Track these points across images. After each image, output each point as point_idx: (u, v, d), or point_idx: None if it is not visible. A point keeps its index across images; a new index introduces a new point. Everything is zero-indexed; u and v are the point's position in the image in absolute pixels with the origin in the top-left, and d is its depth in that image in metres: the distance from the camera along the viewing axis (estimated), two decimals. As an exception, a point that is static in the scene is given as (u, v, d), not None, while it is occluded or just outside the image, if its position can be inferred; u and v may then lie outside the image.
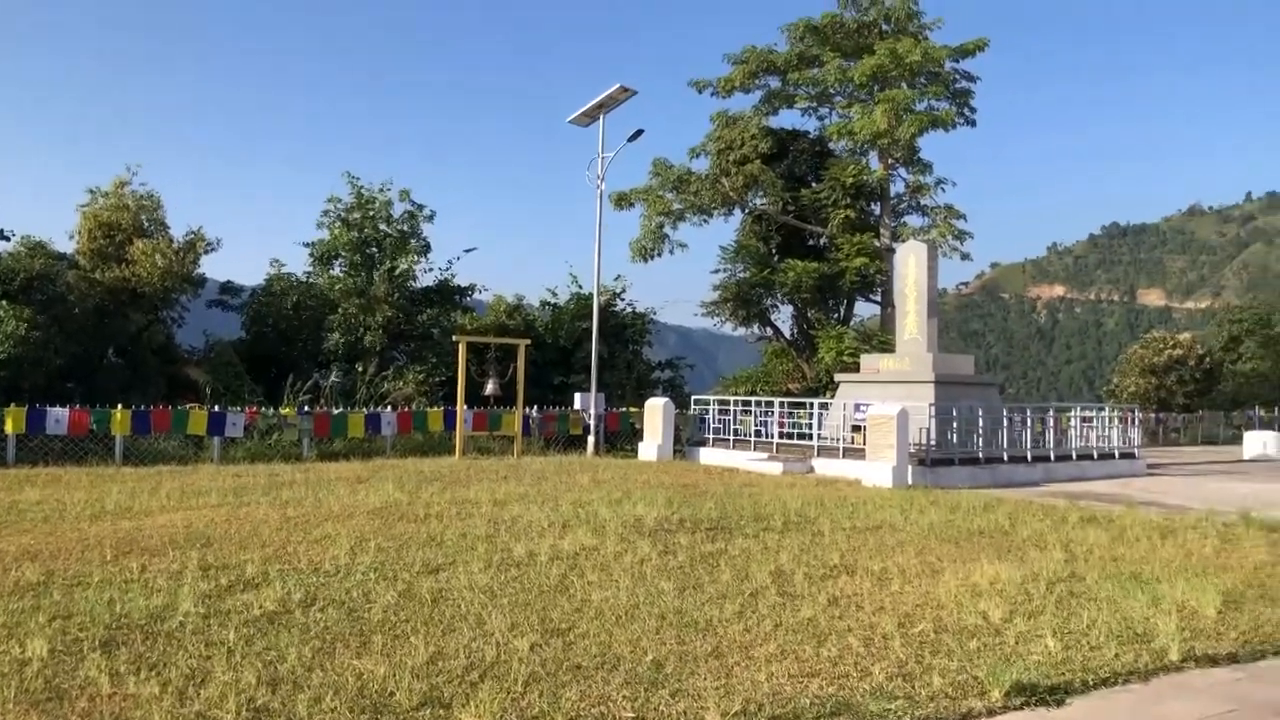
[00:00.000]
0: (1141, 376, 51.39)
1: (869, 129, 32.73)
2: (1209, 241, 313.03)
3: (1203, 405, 47.29)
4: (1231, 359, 54.22)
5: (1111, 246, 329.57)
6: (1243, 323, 56.96)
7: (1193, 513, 14.64)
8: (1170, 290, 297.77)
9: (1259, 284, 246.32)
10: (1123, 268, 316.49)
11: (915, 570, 9.77)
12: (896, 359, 23.11)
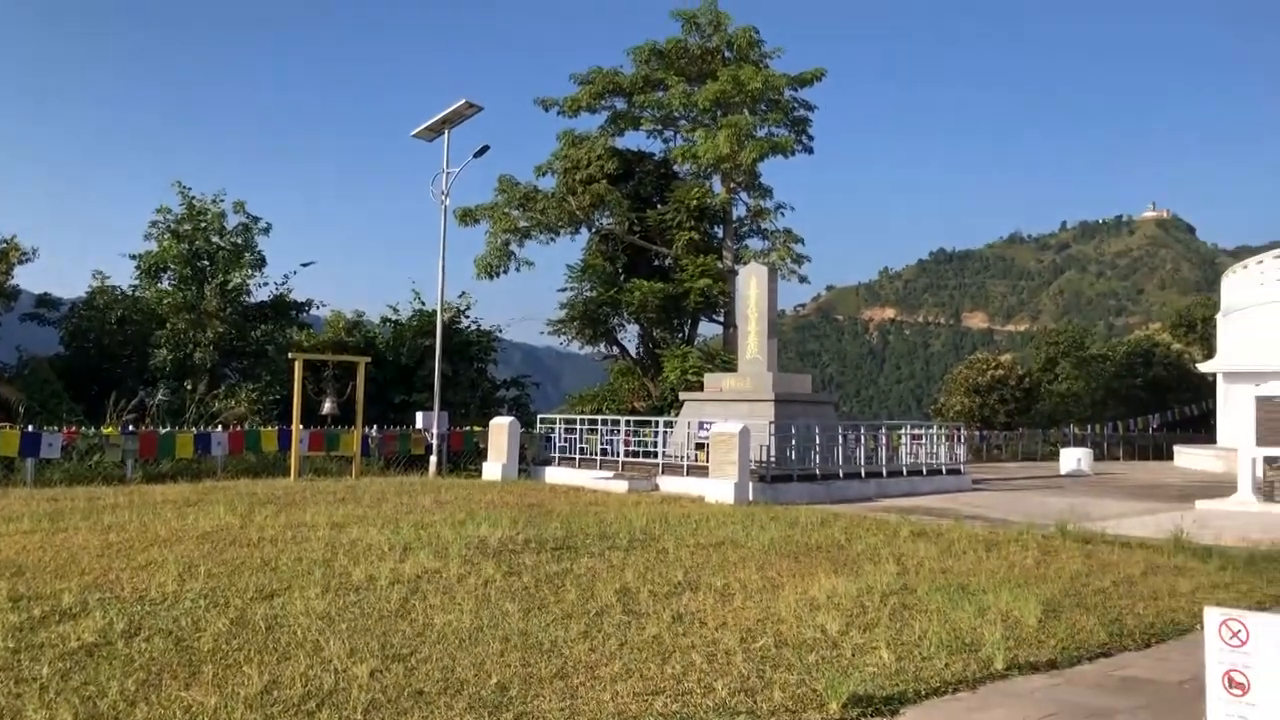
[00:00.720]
0: (966, 395, 53.88)
1: (712, 153, 33.40)
2: (1028, 268, 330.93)
3: (1023, 423, 49.86)
4: (1048, 379, 57.42)
5: (939, 271, 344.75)
6: (1058, 345, 60.43)
7: (1015, 526, 15.38)
8: (993, 313, 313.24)
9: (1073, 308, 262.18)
10: (949, 292, 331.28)
11: (757, 586, 9.94)
12: (739, 378, 23.57)
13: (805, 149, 36.46)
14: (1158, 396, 50.18)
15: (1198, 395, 46.52)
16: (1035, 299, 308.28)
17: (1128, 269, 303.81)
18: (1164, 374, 51.31)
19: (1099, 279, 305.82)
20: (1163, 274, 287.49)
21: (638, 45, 36.80)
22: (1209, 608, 4.75)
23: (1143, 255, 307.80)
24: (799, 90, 36.08)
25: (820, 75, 35.93)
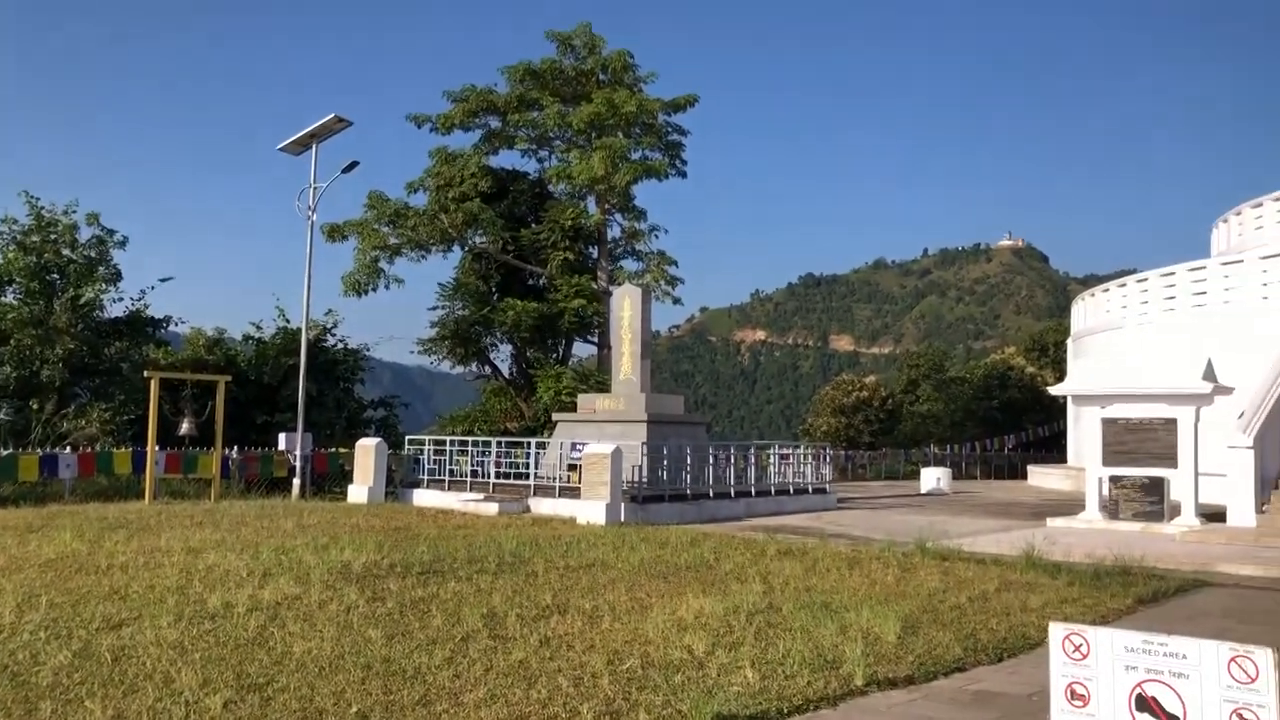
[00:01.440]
0: (833, 416, 55.19)
1: (587, 174, 33.52)
2: (891, 292, 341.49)
3: (886, 443, 51.29)
4: (910, 400, 59.26)
5: (808, 295, 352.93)
6: (919, 367, 62.48)
7: (877, 544, 15.78)
8: (858, 336, 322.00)
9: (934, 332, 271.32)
10: (817, 315, 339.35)
11: (626, 607, 9.95)
12: (612, 398, 23.62)
13: (679, 173, 36.90)
14: (1013, 417, 52.26)
15: (1050, 416, 48.62)
16: (899, 322, 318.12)
17: (985, 295, 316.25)
18: (1018, 396, 53.48)
19: (958, 304, 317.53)
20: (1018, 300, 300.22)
21: (512, 65, 36.76)
22: (1053, 623, 4.94)
23: (999, 282, 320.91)
24: (672, 115, 36.56)
25: (693, 101, 36.46)
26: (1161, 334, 30.19)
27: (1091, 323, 35.89)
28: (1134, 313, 32.24)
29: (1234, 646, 4.42)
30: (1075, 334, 38.31)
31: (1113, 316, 33.73)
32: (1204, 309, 29.23)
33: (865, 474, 42.76)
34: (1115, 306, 33.80)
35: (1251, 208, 33.75)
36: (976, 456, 47.20)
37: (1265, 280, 27.52)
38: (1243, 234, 33.90)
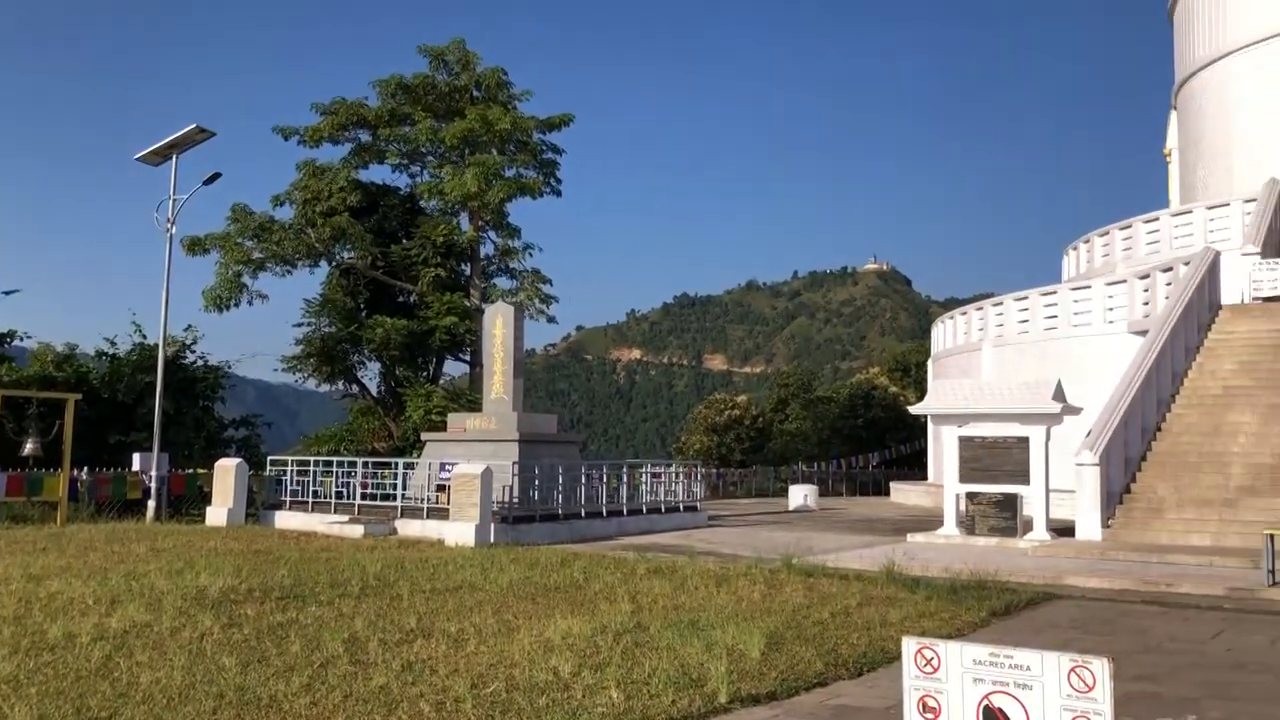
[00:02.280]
0: (705, 434, 55.87)
1: (459, 190, 33.23)
2: (763, 313, 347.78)
3: (757, 460, 52.11)
4: (780, 419, 60.39)
5: (682, 315, 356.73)
6: (789, 387, 63.76)
7: (744, 561, 15.98)
8: (731, 356, 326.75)
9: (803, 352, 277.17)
10: (691, 334, 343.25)
11: (492, 629, 9.83)
12: (483, 418, 23.38)
13: (554, 191, 36.89)
14: (877, 435, 53.70)
15: (912, 434, 50.12)
16: (770, 343, 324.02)
17: (852, 316, 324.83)
18: (882, 414, 55.01)
19: (826, 325, 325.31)
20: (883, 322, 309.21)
21: (383, 78, 36.24)
22: (906, 637, 5.07)
23: (865, 304, 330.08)
24: (547, 134, 36.55)
25: (568, 120, 36.54)
26: (1016, 355, 31.47)
27: (950, 344, 37.17)
28: (990, 335, 33.53)
29: (1074, 657, 4.60)
30: (935, 355, 39.62)
31: (970, 338, 35.02)
32: (1055, 331, 30.57)
33: (736, 492, 43.29)
34: (973, 328, 35.09)
35: (1099, 236, 35.51)
36: (842, 474, 48.30)
37: (1111, 305, 28.96)
38: (1091, 261, 35.63)
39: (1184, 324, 23.77)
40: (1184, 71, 38.59)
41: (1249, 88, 34.43)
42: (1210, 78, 36.45)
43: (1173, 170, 40.90)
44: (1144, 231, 32.90)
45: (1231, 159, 34.88)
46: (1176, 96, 39.79)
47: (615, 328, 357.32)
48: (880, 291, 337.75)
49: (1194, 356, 23.87)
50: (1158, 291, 26.70)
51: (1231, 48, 35.16)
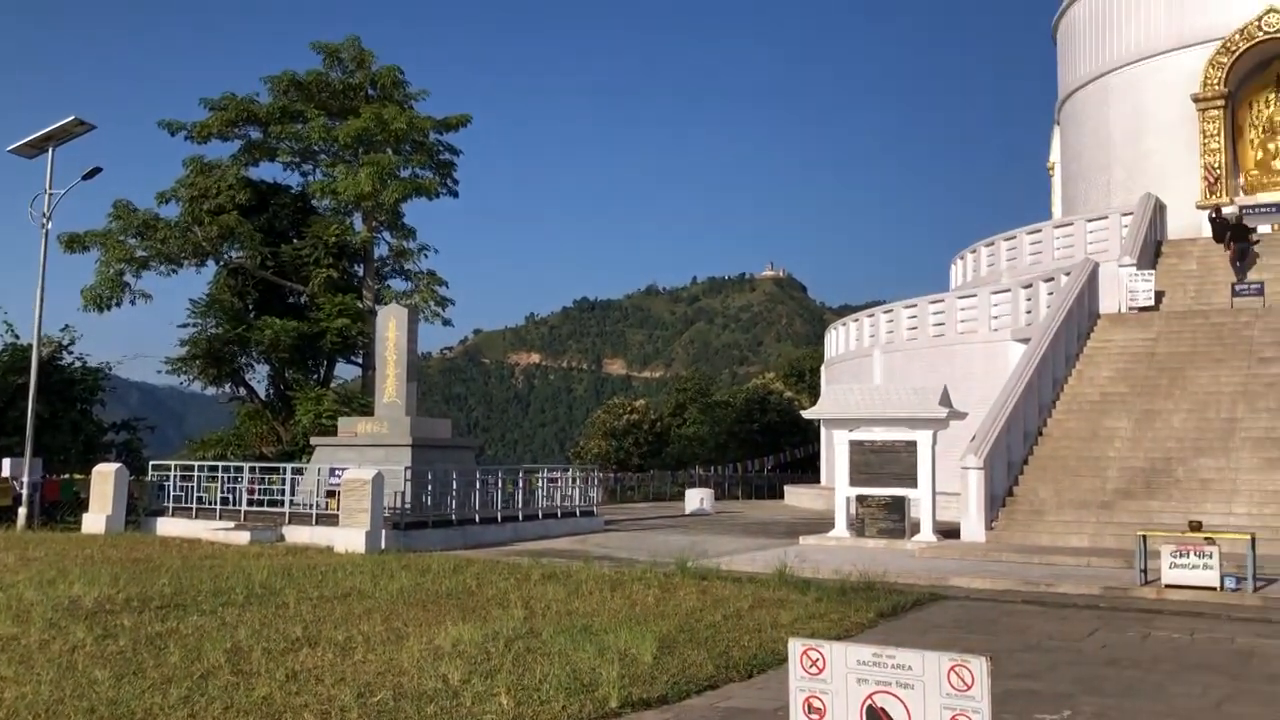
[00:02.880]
0: (604, 439, 55.94)
1: (353, 190, 32.63)
2: (663, 318, 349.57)
3: (654, 465, 52.36)
4: (678, 423, 60.80)
5: (582, 319, 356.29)
6: (687, 391, 64.23)
7: (640, 565, 16.00)
8: (631, 361, 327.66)
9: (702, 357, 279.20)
10: (591, 339, 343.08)
11: (381, 637, 9.65)
12: (375, 422, 22.98)
13: (450, 192, 36.49)
14: (772, 439, 54.47)
15: (806, 438, 50.95)
16: (669, 348, 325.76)
17: (749, 322, 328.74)
18: (778, 419, 55.82)
19: (725, 330, 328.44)
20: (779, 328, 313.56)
21: (275, 74, 35.39)
22: (792, 639, 5.11)
23: (762, 310, 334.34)
24: (444, 134, 36.15)
25: (466, 121, 36.20)
26: (905, 361, 32.22)
27: (843, 350, 37.86)
28: (881, 341, 34.25)
29: (953, 657, 4.69)
30: (829, 360, 40.31)
31: (862, 344, 35.71)
32: (943, 338, 31.38)
33: (634, 496, 43.40)
34: (864, 335, 35.80)
35: (985, 246, 36.56)
36: (739, 477, 48.83)
37: (996, 313, 29.85)
38: (978, 270, 36.66)
39: (1064, 332, 24.61)
40: (1066, 88, 40.00)
41: (1126, 105, 35.87)
42: (1090, 95, 37.86)
43: (1055, 183, 42.32)
44: (1028, 242, 33.98)
45: (1110, 174, 36.27)
46: (1059, 112, 41.22)
47: (514, 331, 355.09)
48: (777, 298, 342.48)
49: (1074, 364, 24.73)
50: (1040, 301, 27.60)
51: (1110, 66, 36.57)
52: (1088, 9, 38.14)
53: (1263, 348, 23.12)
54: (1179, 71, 33.69)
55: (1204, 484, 19.37)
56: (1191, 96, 33.10)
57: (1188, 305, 27.04)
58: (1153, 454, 20.59)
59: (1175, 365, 23.44)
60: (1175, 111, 33.69)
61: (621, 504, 38.88)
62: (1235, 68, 32.70)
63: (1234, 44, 32.45)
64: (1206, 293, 27.33)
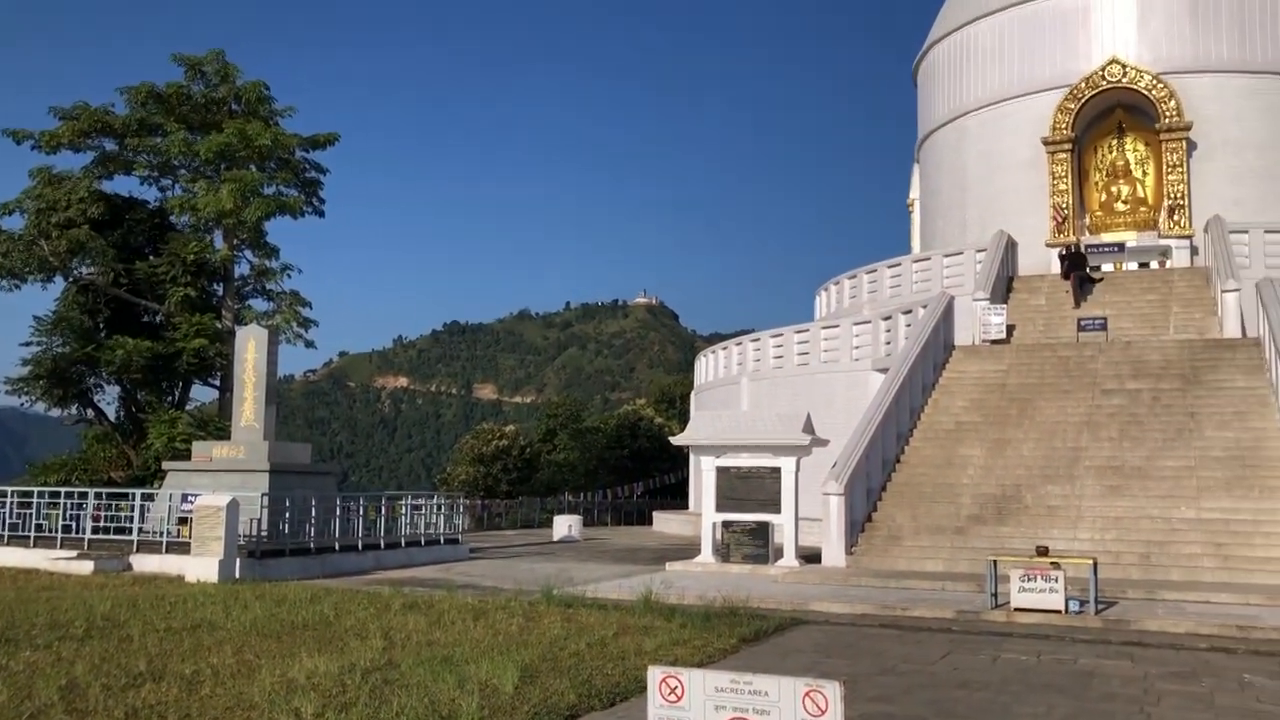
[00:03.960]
0: (471, 465, 55.21)
1: (214, 207, 31.57)
2: (535, 343, 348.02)
3: (523, 491, 51.88)
4: (548, 449, 60.46)
5: (452, 343, 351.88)
6: (557, 417, 63.99)
7: (504, 593, 15.82)
8: (502, 386, 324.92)
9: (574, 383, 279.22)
10: (461, 363, 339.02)
11: (231, 670, 9.28)
12: (232, 446, 22.19)
13: (316, 211, 35.65)
14: (642, 466, 54.64)
15: (676, 465, 51.27)
16: (541, 373, 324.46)
17: (622, 348, 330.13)
18: (648, 445, 56.04)
19: (597, 356, 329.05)
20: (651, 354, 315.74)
21: (133, 85, 34.05)
22: (652, 666, 5.10)
23: (634, 337, 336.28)
24: (311, 152, 35.33)
25: (334, 139, 35.49)
26: (771, 389, 32.84)
27: (712, 377, 38.37)
28: (749, 369, 34.84)
29: (808, 682, 4.76)
30: (698, 388, 40.79)
31: (730, 372, 36.26)
32: (808, 367, 32.11)
33: (501, 523, 42.91)
34: (733, 363, 36.36)
35: (849, 278, 37.63)
36: (608, 504, 48.81)
37: (857, 344, 30.71)
38: (841, 301, 37.69)
39: (921, 363, 25.45)
40: (926, 128, 41.61)
41: (981, 146, 37.51)
42: (948, 135, 39.47)
43: (915, 219, 43.90)
44: (888, 276, 35.12)
45: (966, 211, 37.82)
46: (919, 151, 42.84)
47: (381, 354, 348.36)
48: (649, 325, 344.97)
49: (930, 393, 25.58)
50: (899, 332, 28.52)
51: (967, 108, 38.21)
52: (946, 53, 39.81)
53: (1105, 380, 24.34)
54: (1030, 116, 35.45)
55: (1051, 510, 20.23)
56: (1041, 140, 34.83)
57: (1037, 339, 28.31)
58: (1004, 481, 21.41)
59: (1025, 396, 24.47)
60: (1026, 153, 35.40)
61: (489, 531, 38.42)
62: (1082, 114, 34.57)
63: (1080, 91, 34.31)
64: (1054, 327, 28.67)
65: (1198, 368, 24.03)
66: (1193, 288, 29.30)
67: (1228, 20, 34.04)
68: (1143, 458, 21.20)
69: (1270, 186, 33.18)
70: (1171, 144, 33.30)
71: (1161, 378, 23.95)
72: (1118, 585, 16.38)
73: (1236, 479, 19.99)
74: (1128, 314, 28.33)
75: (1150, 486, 20.29)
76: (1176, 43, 34.14)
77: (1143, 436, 21.92)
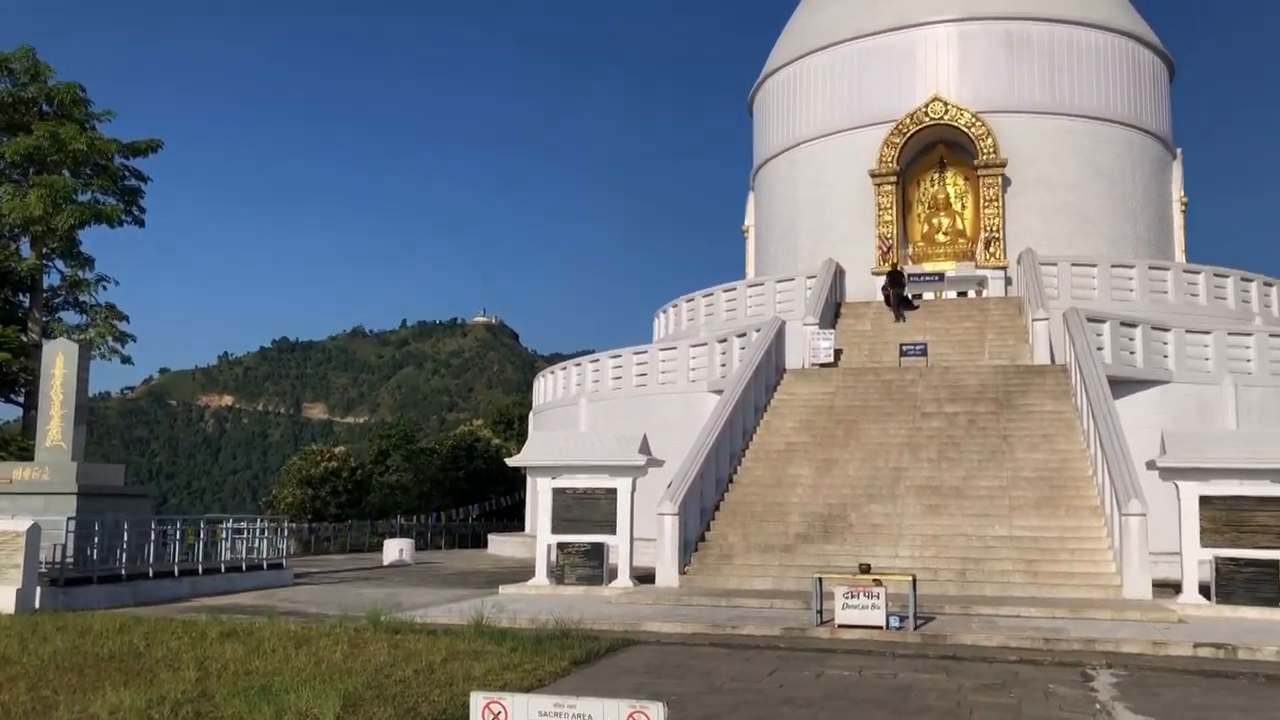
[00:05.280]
0: (299, 487, 53.50)
1: (20, 213, 29.74)
2: (369, 361, 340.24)
3: (354, 514, 50.55)
4: (380, 471, 59.15)
5: (281, 360, 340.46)
6: (391, 438, 62.70)
7: (330, 619, 15.29)
8: (333, 405, 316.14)
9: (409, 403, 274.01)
10: (290, 381, 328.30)
11: (25, 708, 8.65)
12: (35, 468, 20.77)
13: (135, 220, 34.04)
14: (479, 488, 54.07)
15: (513, 486, 50.91)
16: (375, 392, 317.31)
17: (460, 368, 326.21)
18: (485, 467, 55.52)
19: (434, 376, 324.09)
20: (490, 374, 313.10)
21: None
22: (474, 692, 5.00)
23: (473, 356, 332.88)
24: (131, 159, 33.70)
25: (156, 146, 33.96)
26: (610, 410, 32.97)
27: (551, 398, 38.26)
28: (588, 390, 34.89)
29: (632, 704, 4.73)
30: (537, 408, 40.59)
31: (569, 393, 36.24)
32: (646, 389, 32.38)
33: (330, 547, 41.64)
34: (572, 384, 36.35)
35: (686, 301, 38.21)
36: (442, 526, 48.03)
37: (694, 365, 31.17)
38: (679, 324, 38.22)
39: (754, 385, 26.02)
40: (760, 157, 42.76)
41: (812, 176, 38.78)
42: (781, 165, 40.65)
43: (750, 245, 44.95)
44: (724, 300, 35.84)
45: (798, 239, 38.99)
46: (754, 179, 43.96)
47: (205, 371, 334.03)
48: (489, 344, 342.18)
49: (762, 415, 26.16)
50: (734, 355, 29.10)
51: (799, 139, 39.48)
52: (781, 85, 41.06)
53: (925, 403, 25.41)
54: (859, 148, 36.87)
55: (874, 529, 20.94)
56: (869, 172, 36.26)
57: (863, 363, 29.36)
58: (830, 500, 22.05)
59: (851, 418, 25.30)
60: (854, 185, 36.78)
61: (316, 556, 37.23)
62: (906, 148, 36.17)
63: (905, 127, 35.91)
64: (879, 351, 29.79)
65: (1010, 392, 25.35)
66: (1006, 316, 30.94)
67: (1040, 64, 36.28)
68: (960, 478, 22.19)
69: (1078, 223, 35.46)
70: (988, 180, 35.19)
71: (977, 401, 25.16)
72: (936, 601, 17.05)
73: (1045, 498, 21.15)
74: (947, 340, 29.68)
75: (966, 505, 21.25)
76: (994, 83, 36.16)
77: (959, 458, 22.95)
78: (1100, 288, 30.84)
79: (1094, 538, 19.81)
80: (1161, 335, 27.15)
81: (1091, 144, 36.25)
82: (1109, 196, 36.30)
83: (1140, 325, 26.92)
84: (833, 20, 39.48)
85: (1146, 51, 38.64)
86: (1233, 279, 32.77)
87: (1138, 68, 37.99)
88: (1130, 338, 26.73)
